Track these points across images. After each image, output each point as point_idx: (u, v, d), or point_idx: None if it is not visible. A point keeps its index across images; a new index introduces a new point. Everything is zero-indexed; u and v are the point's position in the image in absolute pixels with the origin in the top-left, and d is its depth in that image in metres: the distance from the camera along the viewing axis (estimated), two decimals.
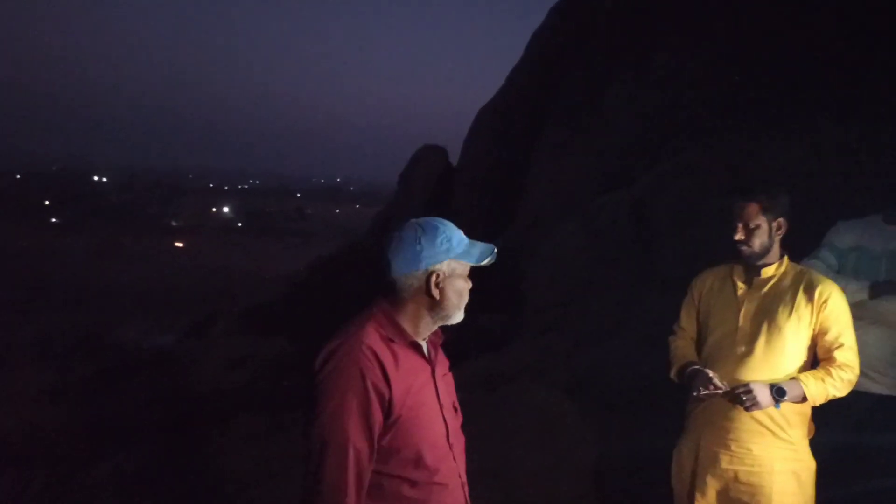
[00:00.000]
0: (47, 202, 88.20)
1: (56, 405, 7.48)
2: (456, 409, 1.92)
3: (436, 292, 1.75)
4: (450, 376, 1.96)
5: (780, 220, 2.47)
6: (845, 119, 5.74)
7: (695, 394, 2.43)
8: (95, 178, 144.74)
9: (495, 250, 1.82)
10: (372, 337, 1.70)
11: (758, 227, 2.44)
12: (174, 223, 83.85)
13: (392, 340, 1.74)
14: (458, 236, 1.79)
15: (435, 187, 19.36)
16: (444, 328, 1.89)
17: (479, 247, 1.81)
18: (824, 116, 6.01)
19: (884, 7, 6.36)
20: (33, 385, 8.83)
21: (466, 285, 1.81)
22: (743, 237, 2.45)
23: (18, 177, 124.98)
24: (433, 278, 1.74)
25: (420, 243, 1.73)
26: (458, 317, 1.82)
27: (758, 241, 2.45)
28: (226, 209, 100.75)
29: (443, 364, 1.93)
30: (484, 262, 1.80)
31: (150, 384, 8.73)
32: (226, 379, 8.95)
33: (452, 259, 1.76)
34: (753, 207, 2.43)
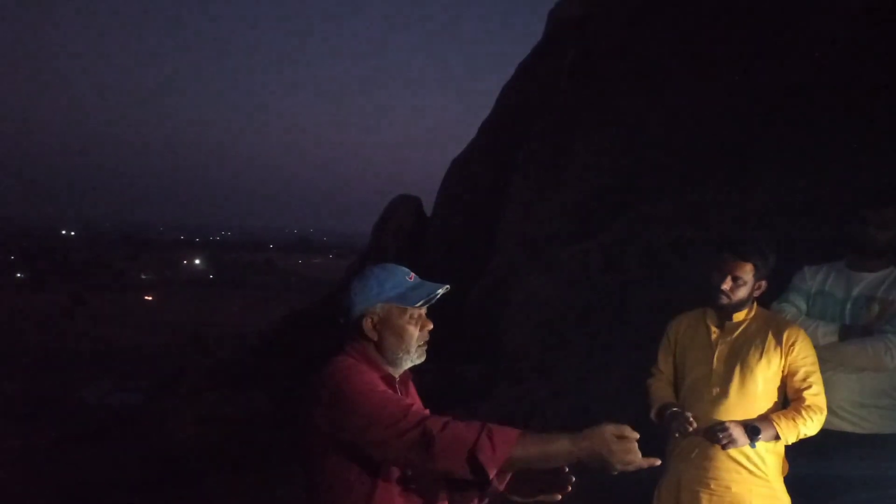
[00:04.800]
0: (13, 257, 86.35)
1: (22, 469, 7.24)
2: None
3: (373, 334, 1.79)
4: None
5: (763, 282, 2.62)
6: (809, 171, 5.94)
7: (677, 434, 2.58)
8: (63, 232, 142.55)
9: (439, 291, 1.82)
10: (352, 360, 1.78)
11: (745, 283, 2.56)
12: (143, 276, 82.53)
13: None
14: (393, 281, 1.81)
15: (408, 237, 19.45)
16: (417, 374, 1.92)
17: (423, 288, 1.82)
18: (788, 168, 6.22)
19: (848, 63, 6.60)
20: None
21: (409, 326, 1.81)
22: (728, 288, 2.57)
23: None
24: (365, 322, 1.78)
25: (354, 290, 1.81)
26: (408, 358, 1.83)
27: (738, 295, 2.58)
28: (197, 262, 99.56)
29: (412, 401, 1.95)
30: (419, 305, 1.80)
31: (119, 444, 8.50)
32: (197, 437, 8.75)
33: (385, 302, 1.79)
34: (748, 267, 2.56)
